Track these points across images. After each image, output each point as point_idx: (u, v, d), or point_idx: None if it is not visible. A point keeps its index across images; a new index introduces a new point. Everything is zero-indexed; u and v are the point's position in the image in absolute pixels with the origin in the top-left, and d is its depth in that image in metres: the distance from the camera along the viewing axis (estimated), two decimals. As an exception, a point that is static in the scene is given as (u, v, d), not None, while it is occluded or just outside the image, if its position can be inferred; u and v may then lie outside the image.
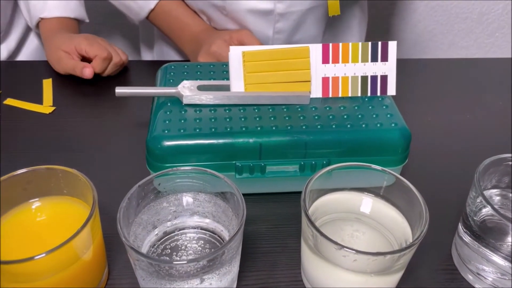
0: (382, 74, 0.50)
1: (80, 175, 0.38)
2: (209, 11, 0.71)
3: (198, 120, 0.46)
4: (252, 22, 0.70)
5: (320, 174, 0.40)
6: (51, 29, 0.71)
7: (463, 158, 0.56)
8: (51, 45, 0.68)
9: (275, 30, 0.71)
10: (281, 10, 0.69)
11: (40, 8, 0.72)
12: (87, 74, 0.64)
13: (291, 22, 0.71)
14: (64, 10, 0.72)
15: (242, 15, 0.69)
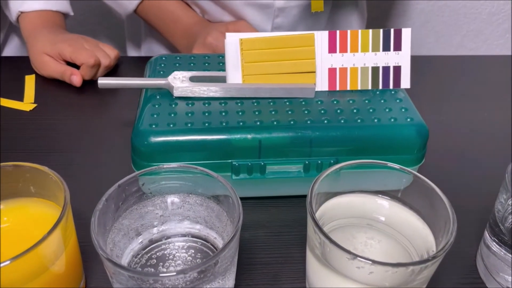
0: (395, 65, 0.45)
1: (51, 173, 0.33)
2: (203, 3, 0.67)
3: (190, 114, 0.41)
4: (250, 16, 0.65)
5: (327, 174, 0.35)
6: (32, 26, 0.66)
7: (485, 158, 0.51)
8: (34, 47, 0.62)
9: (273, 26, 0.66)
10: (280, 5, 0.64)
11: (20, 1, 0.67)
12: (75, 82, 0.59)
13: (291, 18, 0.66)
14: (45, 3, 0.67)
15: (239, 7, 0.65)
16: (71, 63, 0.61)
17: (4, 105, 0.56)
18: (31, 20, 0.66)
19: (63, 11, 0.70)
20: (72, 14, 0.72)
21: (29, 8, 0.66)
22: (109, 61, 0.61)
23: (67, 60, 0.61)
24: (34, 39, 0.63)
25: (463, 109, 0.59)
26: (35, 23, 0.66)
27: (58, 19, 0.68)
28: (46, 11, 0.67)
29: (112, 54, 0.62)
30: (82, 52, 0.60)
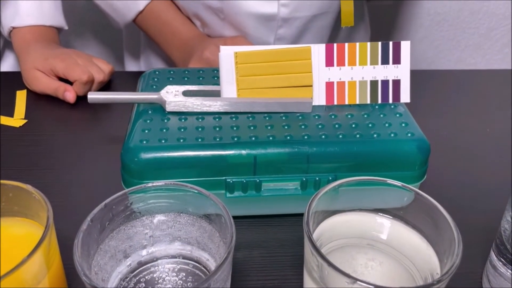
0: (394, 79, 0.44)
1: (34, 192, 0.32)
2: (204, 15, 0.66)
3: (182, 130, 0.40)
4: (252, 27, 0.64)
5: (325, 191, 0.33)
6: (24, 41, 0.64)
7: (489, 174, 0.49)
8: (25, 62, 0.61)
9: (276, 37, 0.65)
10: (285, 15, 0.63)
11: (11, 15, 0.65)
12: (69, 98, 0.57)
13: (294, 29, 0.65)
14: (37, 17, 0.66)
15: (241, 19, 0.63)
16: (64, 79, 0.60)
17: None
18: (23, 35, 0.65)
19: (57, 26, 0.68)
20: (66, 28, 0.71)
21: (21, 24, 0.65)
22: (103, 76, 0.60)
23: (60, 76, 0.60)
24: (26, 55, 0.62)
25: (464, 124, 0.58)
26: (27, 38, 0.65)
27: (51, 34, 0.67)
28: (39, 26, 0.66)
29: (106, 69, 0.61)
30: (75, 68, 0.58)
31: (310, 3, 0.63)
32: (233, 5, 0.62)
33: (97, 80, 0.59)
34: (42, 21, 0.66)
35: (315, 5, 0.63)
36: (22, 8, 0.65)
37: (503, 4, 1.01)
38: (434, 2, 1.01)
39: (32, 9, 0.65)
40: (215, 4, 0.63)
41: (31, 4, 0.66)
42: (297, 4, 0.62)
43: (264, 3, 0.62)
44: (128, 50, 0.82)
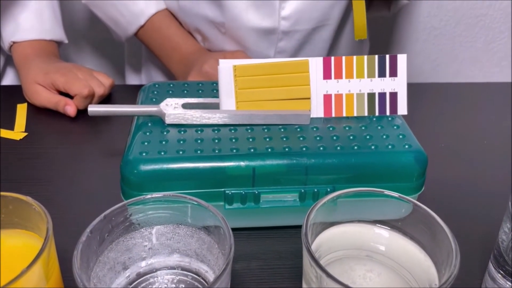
0: (392, 91, 0.44)
1: (34, 204, 0.32)
2: (206, 29, 0.66)
3: (181, 142, 0.40)
4: (253, 41, 0.65)
5: (323, 203, 0.33)
6: (25, 56, 0.65)
7: (486, 186, 0.50)
8: (26, 76, 0.61)
9: (277, 50, 0.66)
10: (285, 28, 0.64)
11: (12, 30, 0.66)
12: (69, 112, 0.58)
13: (295, 42, 0.66)
14: (38, 32, 0.66)
15: (242, 33, 0.64)
16: (65, 93, 0.60)
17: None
18: (24, 50, 0.65)
19: (57, 40, 0.69)
20: (66, 42, 0.71)
21: (21, 38, 0.65)
22: (103, 90, 0.60)
23: (60, 90, 0.60)
24: (27, 69, 0.62)
25: (461, 136, 0.58)
26: (27, 52, 0.65)
27: (51, 48, 0.67)
28: (39, 40, 0.67)
29: (106, 83, 0.62)
30: (76, 83, 0.59)
31: (310, 16, 0.64)
32: (235, 19, 0.63)
33: (98, 93, 0.60)
34: (43, 35, 0.67)
35: (315, 18, 0.64)
36: (23, 23, 0.66)
37: (499, 18, 1.02)
38: (431, 17, 1.02)
39: (32, 23, 0.66)
40: (217, 18, 0.64)
41: (32, 19, 0.66)
42: (297, 17, 0.63)
43: (264, 17, 0.63)
44: (129, 64, 0.83)
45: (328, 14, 0.65)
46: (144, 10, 0.67)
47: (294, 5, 0.62)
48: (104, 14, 0.70)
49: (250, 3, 0.62)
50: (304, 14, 0.63)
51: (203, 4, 0.64)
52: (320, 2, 0.63)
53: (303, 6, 0.63)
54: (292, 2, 0.62)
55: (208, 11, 0.64)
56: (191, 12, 0.66)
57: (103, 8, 0.69)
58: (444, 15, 1.02)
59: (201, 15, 0.65)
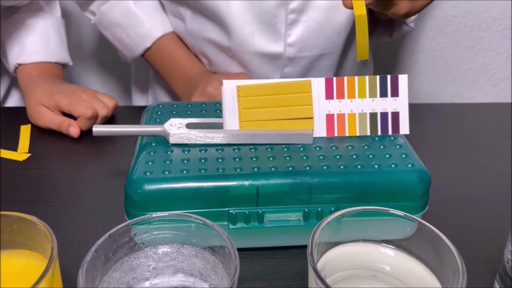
0: (393, 111, 0.45)
1: (39, 223, 0.32)
2: (212, 53, 0.68)
3: (185, 161, 0.40)
4: (259, 66, 0.66)
5: (328, 222, 0.33)
6: (30, 77, 0.65)
7: (490, 205, 0.50)
8: (30, 98, 0.62)
9: (282, 75, 0.67)
10: (291, 54, 0.65)
11: (18, 53, 0.67)
12: (73, 133, 0.58)
13: (300, 68, 0.67)
14: (43, 54, 0.67)
15: (248, 57, 0.65)
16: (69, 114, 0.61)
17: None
18: (29, 72, 0.66)
19: (62, 62, 0.70)
20: (71, 64, 0.72)
21: (27, 60, 0.66)
22: (106, 112, 0.61)
23: (64, 112, 0.61)
24: (31, 90, 0.63)
25: (463, 155, 0.59)
26: (32, 74, 0.66)
27: (56, 70, 0.68)
28: (44, 62, 0.68)
29: (110, 104, 0.62)
30: (80, 104, 0.59)
31: (315, 44, 0.65)
32: (241, 44, 0.64)
33: (101, 115, 0.60)
34: (48, 57, 0.68)
35: (320, 45, 0.66)
36: (28, 45, 0.67)
37: (497, 40, 1.04)
38: (429, 39, 1.03)
39: (38, 46, 0.67)
40: (223, 42, 0.65)
41: (37, 41, 0.67)
42: (302, 44, 0.65)
43: (270, 43, 0.64)
44: (136, 84, 0.84)
45: (333, 41, 0.66)
46: (151, 33, 0.68)
47: (300, 32, 0.64)
48: (112, 35, 0.71)
49: (257, 28, 0.63)
50: (309, 41, 0.64)
51: (210, 28, 0.65)
52: (325, 29, 0.64)
53: (308, 33, 0.64)
54: (297, 29, 0.63)
55: (215, 34, 0.65)
56: (198, 35, 0.67)
57: (111, 29, 0.70)
58: (442, 37, 1.03)
59: (208, 38, 0.66)
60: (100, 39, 0.76)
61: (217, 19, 0.64)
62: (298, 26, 0.63)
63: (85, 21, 0.86)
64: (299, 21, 0.63)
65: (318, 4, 0.62)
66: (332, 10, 0.63)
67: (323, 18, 0.63)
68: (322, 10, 0.63)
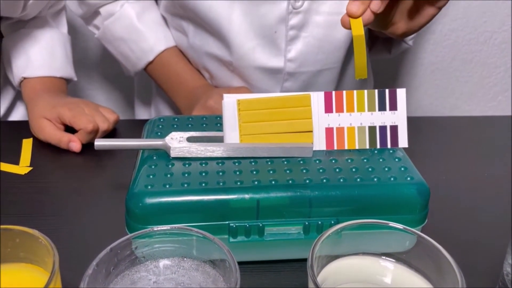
0: (392, 124, 0.45)
1: (41, 237, 0.32)
2: (214, 67, 0.69)
3: (186, 175, 0.41)
4: (259, 80, 0.67)
5: (328, 235, 0.33)
6: (34, 91, 0.66)
7: (489, 217, 0.50)
8: (33, 111, 0.63)
9: (282, 90, 0.68)
10: (291, 69, 0.66)
11: (23, 66, 0.67)
12: (74, 148, 0.58)
13: (300, 83, 0.68)
14: (48, 69, 0.68)
15: (249, 72, 0.66)
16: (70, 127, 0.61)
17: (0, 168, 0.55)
18: (33, 85, 0.67)
19: (66, 77, 0.71)
20: (76, 80, 0.73)
21: (32, 74, 0.67)
22: (107, 126, 0.61)
23: (66, 124, 0.61)
24: (34, 104, 0.63)
25: (462, 168, 0.59)
26: (36, 88, 0.67)
27: (60, 85, 0.69)
28: (49, 77, 0.68)
29: (111, 118, 0.63)
30: (81, 117, 0.60)
31: (315, 59, 0.66)
32: (242, 58, 0.65)
33: (101, 129, 0.60)
34: (53, 72, 0.68)
35: (320, 61, 0.66)
36: (34, 59, 0.67)
37: (494, 53, 1.05)
38: (427, 53, 1.04)
39: (43, 60, 0.68)
40: (225, 57, 0.66)
41: (43, 56, 0.68)
42: (302, 60, 0.65)
43: (271, 58, 0.65)
44: (139, 98, 0.85)
45: (333, 57, 0.67)
46: (154, 47, 0.69)
47: (300, 48, 0.64)
48: (115, 49, 0.72)
49: (258, 43, 0.64)
50: (309, 57, 0.65)
51: (212, 43, 0.66)
52: (325, 46, 0.65)
53: (308, 49, 0.65)
54: (298, 45, 0.64)
55: (217, 49, 0.66)
56: (200, 50, 0.68)
57: (114, 44, 0.71)
58: (440, 51, 1.04)
59: (210, 53, 0.67)
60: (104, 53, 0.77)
61: (219, 34, 0.65)
62: (298, 42, 0.64)
63: (90, 35, 0.87)
64: (299, 37, 0.64)
65: (318, 21, 0.63)
66: (332, 27, 0.64)
67: (323, 34, 0.64)
68: (321, 27, 0.64)
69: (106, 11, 0.70)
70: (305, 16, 0.63)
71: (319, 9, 0.63)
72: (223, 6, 0.62)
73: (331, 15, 0.63)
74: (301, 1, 0.61)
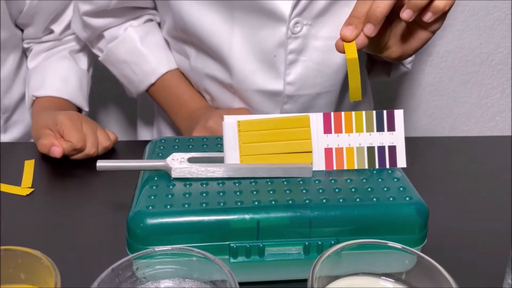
0: (390, 145, 0.46)
1: (43, 257, 0.32)
2: (215, 89, 0.70)
3: (187, 195, 0.41)
4: (259, 102, 0.68)
5: (327, 255, 0.34)
6: (41, 107, 0.68)
7: (488, 237, 0.50)
8: (37, 121, 0.65)
9: (282, 112, 0.69)
10: (290, 92, 0.67)
11: (37, 86, 0.70)
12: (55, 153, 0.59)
13: (299, 105, 0.69)
14: (59, 91, 0.70)
15: (249, 94, 0.67)
16: None
17: (2, 189, 0.56)
18: (42, 103, 0.70)
19: (76, 103, 0.73)
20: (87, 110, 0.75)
21: (43, 94, 0.69)
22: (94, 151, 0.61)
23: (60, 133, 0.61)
24: (39, 115, 0.66)
25: (461, 188, 0.59)
26: (45, 105, 0.69)
27: (68, 107, 0.71)
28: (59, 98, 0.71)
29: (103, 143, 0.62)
30: (74, 133, 0.60)
31: (313, 82, 0.67)
32: (243, 82, 0.66)
33: (87, 152, 0.61)
34: (63, 95, 0.71)
35: (319, 84, 0.67)
36: (47, 81, 0.70)
37: (491, 75, 1.06)
38: (424, 74, 1.06)
39: (56, 84, 0.70)
40: (226, 80, 0.67)
41: (56, 80, 0.71)
42: (301, 83, 0.66)
43: (271, 81, 0.66)
44: (141, 119, 0.86)
45: (331, 80, 0.68)
46: (156, 70, 0.71)
47: (299, 71, 0.66)
48: (118, 72, 0.74)
49: (258, 67, 0.65)
50: (308, 80, 0.66)
51: (213, 66, 0.68)
52: (323, 69, 0.66)
53: (307, 73, 0.66)
54: (297, 69, 0.65)
55: (218, 72, 0.67)
56: (201, 72, 0.69)
57: (117, 66, 0.73)
58: (437, 72, 1.06)
59: (211, 75, 0.69)
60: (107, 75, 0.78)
61: (220, 58, 0.66)
62: (297, 65, 0.65)
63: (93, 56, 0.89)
64: (298, 61, 0.65)
65: (317, 45, 0.65)
66: (330, 51, 0.65)
67: (322, 59, 0.65)
68: (320, 51, 0.65)
69: (110, 35, 0.71)
70: (304, 41, 0.64)
71: (318, 34, 0.64)
72: (224, 31, 0.64)
73: (329, 40, 0.65)
74: (300, 26, 0.63)
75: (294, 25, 0.62)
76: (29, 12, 0.71)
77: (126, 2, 0.69)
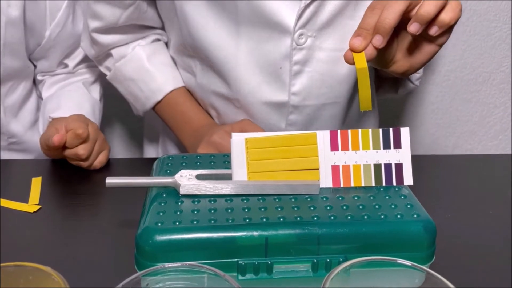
0: (397, 162, 0.46)
1: (54, 274, 0.32)
2: (220, 105, 0.71)
3: (195, 212, 0.41)
4: (265, 114, 0.68)
5: (336, 273, 0.34)
6: None
7: (496, 255, 0.50)
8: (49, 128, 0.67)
9: (287, 123, 0.69)
10: (295, 102, 0.68)
11: (54, 109, 0.73)
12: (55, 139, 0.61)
13: (305, 116, 0.69)
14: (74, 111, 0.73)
15: (255, 107, 0.68)
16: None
17: (9, 206, 0.56)
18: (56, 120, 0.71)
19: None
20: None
21: (59, 115, 0.71)
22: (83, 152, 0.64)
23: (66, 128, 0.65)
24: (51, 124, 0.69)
25: (467, 206, 0.59)
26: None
27: None
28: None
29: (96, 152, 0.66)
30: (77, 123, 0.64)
31: (318, 93, 0.68)
32: (249, 95, 0.67)
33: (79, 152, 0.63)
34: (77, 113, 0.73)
35: (324, 94, 0.68)
36: (64, 104, 0.73)
37: (493, 94, 1.07)
38: (426, 93, 1.07)
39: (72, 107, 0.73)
40: (232, 95, 0.68)
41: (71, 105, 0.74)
42: (306, 93, 0.67)
43: (276, 92, 0.67)
44: (147, 136, 0.87)
45: (336, 91, 0.69)
46: (162, 88, 0.72)
47: (304, 82, 0.66)
48: (125, 89, 0.75)
49: (263, 79, 0.66)
50: (313, 91, 0.67)
51: (219, 82, 0.69)
52: (328, 80, 0.67)
53: (312, 83, 0.66)
54: (302, 79, 0.66)
55: (224, 87, 0.68)
56: (208, 89, 0.70)
57: (124, 84, 0.74)
58: (440, 91, 1.07)
59: (217, 92, 0.70)
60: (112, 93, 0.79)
61: (226, 72, 0.67)
62: (302, 76, 0.66)
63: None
64: (303, 72, 0.66)
65: (321, 57, 0.66)
66: (335, 62, 0.66)
67: (326, 69, 0.66)
68: (325, 62, 0.66)
69: (117, 53, 0.73)
70: (309, 52, 0.65)
71: (322, 46, 0.65)
72: (230, 46, 0.65)
73: (333, 51, 0.65)
74: (304, 38, 0.64)
75: (298, 37, 0.63)
76: (46, 46, 0.75)
77: (134, 20, 0.71)
